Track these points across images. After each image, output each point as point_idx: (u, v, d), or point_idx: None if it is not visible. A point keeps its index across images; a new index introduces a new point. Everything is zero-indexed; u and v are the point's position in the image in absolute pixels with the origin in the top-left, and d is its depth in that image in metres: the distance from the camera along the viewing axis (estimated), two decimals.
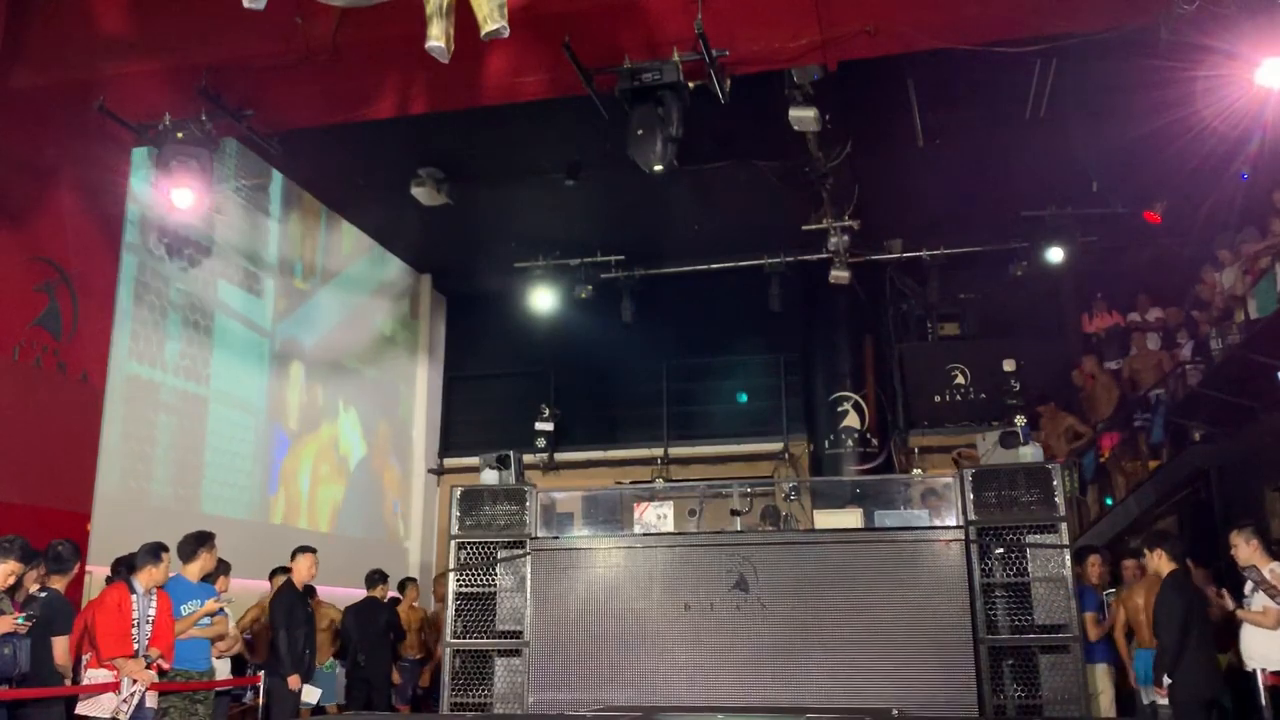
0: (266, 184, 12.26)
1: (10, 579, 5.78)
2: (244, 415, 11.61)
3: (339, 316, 13.95)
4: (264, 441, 11.99)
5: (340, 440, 13.74)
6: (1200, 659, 6.43)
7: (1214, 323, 10.47)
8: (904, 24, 7.16)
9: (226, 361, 11.27)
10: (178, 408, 10.39)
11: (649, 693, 7.02)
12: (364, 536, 13.93)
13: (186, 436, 10.51)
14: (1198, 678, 6.42)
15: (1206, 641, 6.54)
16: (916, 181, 12.25)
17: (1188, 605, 6.49)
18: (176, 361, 10.41)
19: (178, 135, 7.59)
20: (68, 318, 8.10)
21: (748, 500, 8.02)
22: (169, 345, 10.27)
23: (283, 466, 12.33)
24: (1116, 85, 9.50)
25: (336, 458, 13.60)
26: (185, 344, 10.57)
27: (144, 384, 9.83)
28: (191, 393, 10.65)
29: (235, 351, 11.49)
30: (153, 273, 10.07)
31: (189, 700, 6.81)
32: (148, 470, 9.87)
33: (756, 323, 14.70)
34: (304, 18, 7.16)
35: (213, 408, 10.96)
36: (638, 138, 6.97)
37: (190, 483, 10.50)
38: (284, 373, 12.49)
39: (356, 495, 14.00)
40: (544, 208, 13.04)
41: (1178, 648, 6.39)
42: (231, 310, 11.50)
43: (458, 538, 7.66)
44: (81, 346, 8.23)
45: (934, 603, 6.87)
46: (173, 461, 10.25)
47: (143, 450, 9.80)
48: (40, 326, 7.86)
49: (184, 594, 6.93)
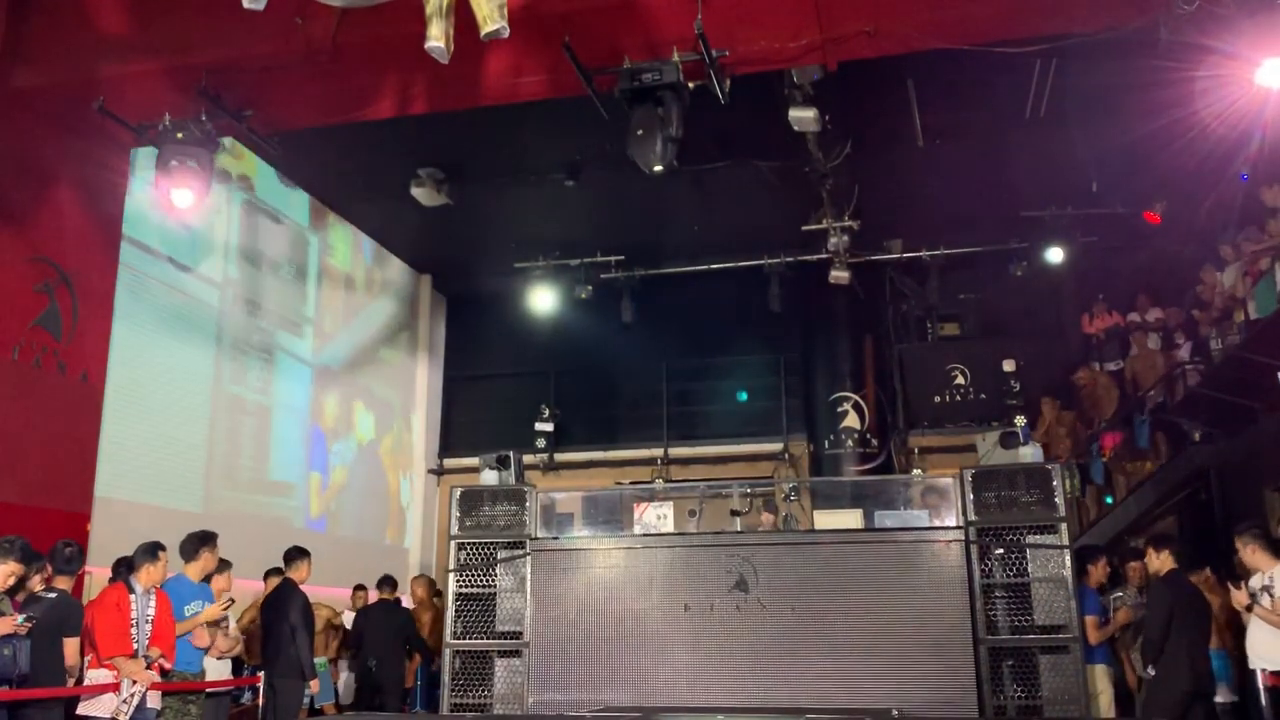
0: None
1: (10, 580, 5.77)
2: (245, 416, 11.61)
3: (339, 316, 13.95)
4: (264, 441, 11.98)
5: (341, 440, 13.73)
6: (1184, 653, 6.58)
7: (1214, 323, 10.47)
8: (904, 24, 7.16)
9: (230, 362, 11.30)
10: (177, 407, 10.40)
11: (649, 693, 7.01)
12: (364, 537, 13.93)
13: (187, 436, 10.51)
14: (1180, 671, 6.57)
15: (1194, 638, 6.66)
16: (916, 181, 12.25)
17: (1174, 601, 6.66)
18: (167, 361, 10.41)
19: (178, 135, 7.57)
20: (68, 318, 8.10)
21: (748, 501, 8.02)
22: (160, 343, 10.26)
23: (284, 467, 12.32)
24: (1116, 85, 9.49)
25: (338, 457, 13.60)
26: (183, 343, 10.57)
27: (143, 384, 9.82)
28: (191, 394, 10.65)
29: (238, 351, 11.49)
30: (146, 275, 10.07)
31: (181, 700, 6.80)
32: (148, 470, 9.86)
33: (756, 323, 14.70)
34: (304, 18, 7.15)
35: (212, 408, 10.96)
36: (638, 138, 6.96)
37: (190, 483, 10.49)
38: (283, 373, 12.48)
39: (356, 495, 14.00)
40: (544, 208, 13.04)
41: (1160, 641, 6.62)
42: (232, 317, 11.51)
43: (458, 538, 7.65)
44: (81, 346, 8.23)
45: (934, 603, 6.86)
46: (173, 461, 10.25)
47: (143, 450, 9.79)
48: (40, 326, 7.85)
49: (185, 594, 6.92)
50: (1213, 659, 7.00)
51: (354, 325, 14.30)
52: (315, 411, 13.10)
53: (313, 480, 12.90)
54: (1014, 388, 13.51)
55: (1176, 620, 6.62)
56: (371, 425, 14.52)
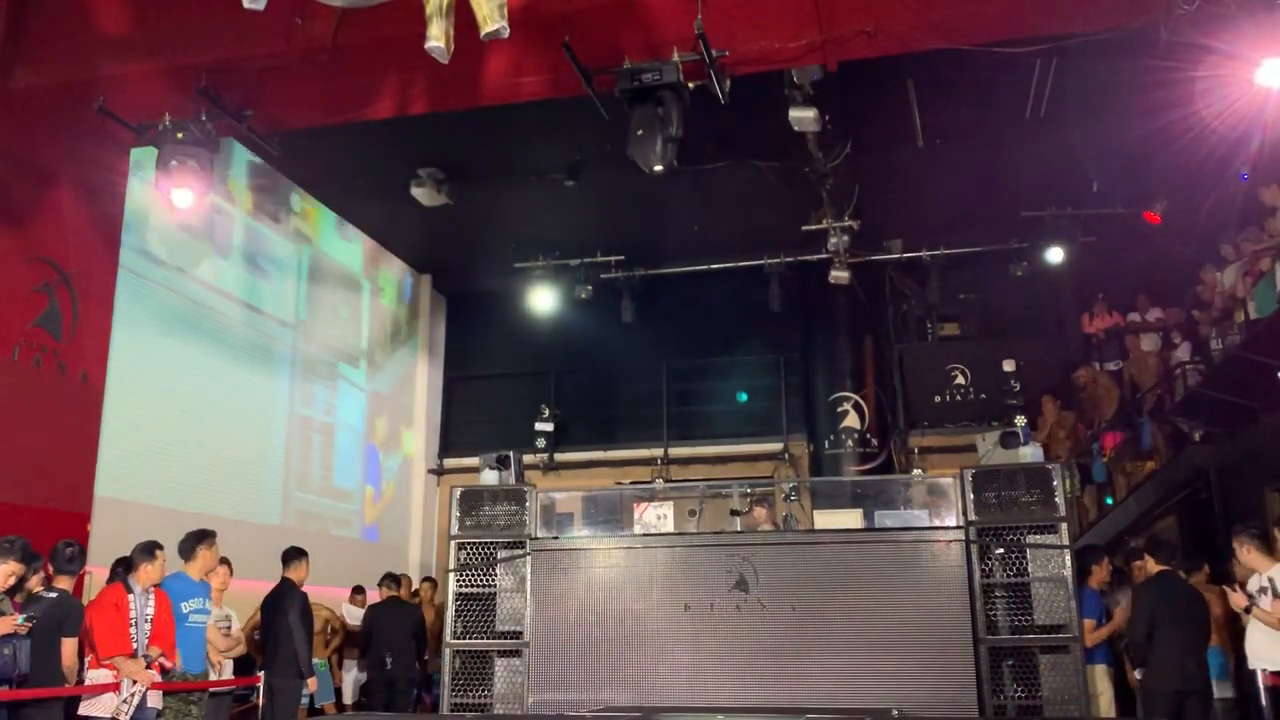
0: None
1: (11, 579, 5.77)
2: (245, 416, 11.61)
3: (338, 317, 13.95)
4: (265, 442, 11.98)
5: (340, 441, 13.73)
6: (1171, 653, 6.69)
7: (1214, 323, 10.46)
8: (904, 24, 7.16)
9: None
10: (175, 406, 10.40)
11: (649, 693, 7.01)
12: (364, 537, 13.92)
13: (188, 437, 10.50)
14: (1166, 671, 6.69)
15: (1185, 637, 6.74)
16: (916, 181, 12.24)
17: (1156, 603, 6.80)
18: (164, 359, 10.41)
19: (177, 135, 7.58)
20: (68, 318, 8.10)
21: (748, 501, 8.00)
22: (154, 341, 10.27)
23: (286, 467, 12.33)
24: (1116, 85, 9.48)
25: (338, 458, 13.59)
26: (179, 343, 10.57)
27: (143, 383, 9.83)
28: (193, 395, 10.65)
29: (241, 352, 11.50)
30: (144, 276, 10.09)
31: (183, 701, 6.80)
32: (148, 470, 9.86)
33: (756, 323, 14.70)
34: (304, 18, 7.16)
35: (212, 408, 10.96)
36: (638, 138, 6.96)
37: (190, 483, 10.49)
38: (284, 373, 12.49)
39: (356, 495, 14.00)
40: (544, 208, 13.03)
41: (1144, 643, 6.79)
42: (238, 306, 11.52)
43: (458, 538, 7.64)
44: (81, 346, 8.23)
45: (934, 603, 6.86)
46: (173, 462, 10.24)
47: (143, 451, 9.79)
48: (40, 327, 7.85)
49: (184, 591, 6.93)
50: (1211, 656, 7.04)
51: (354, 326, 14.35)
52: (315, 412, 13.16)
53: (315, 481, 12.95)
54: (1014, 388, 13.52)
55: (1163, 621, 6.73)
56: (372, 425, 14.55)
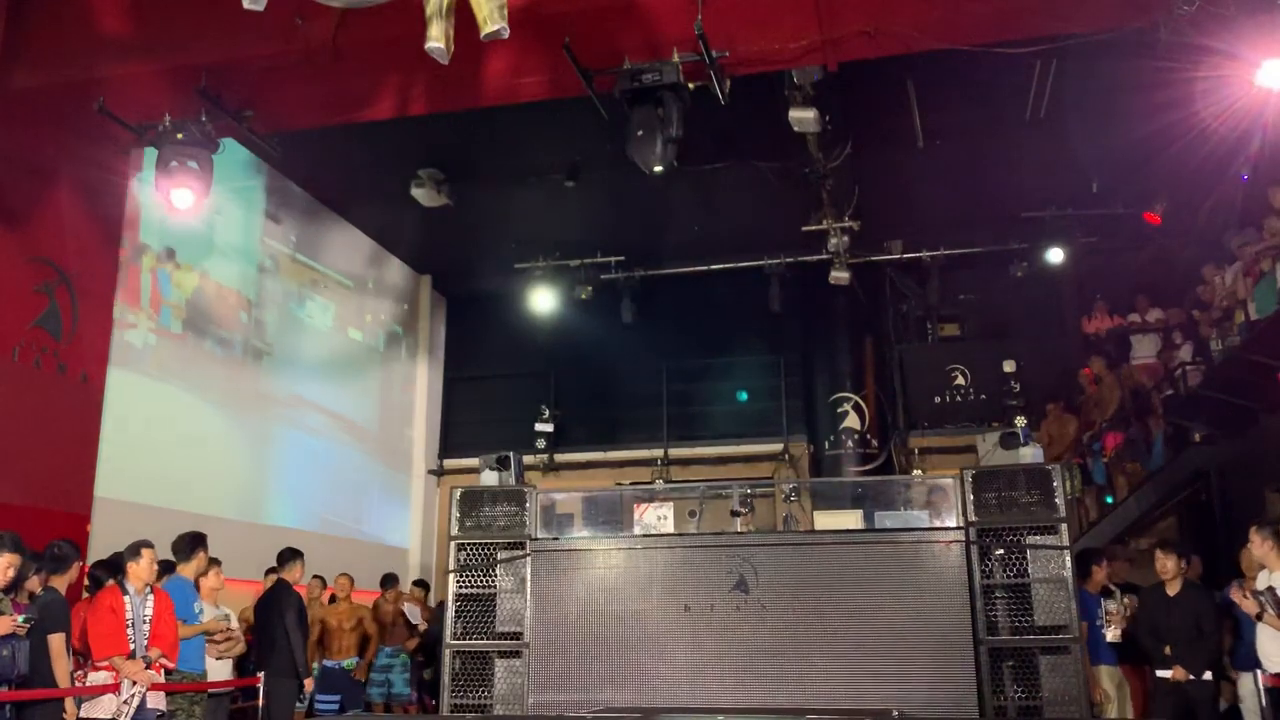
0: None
1: (10, 571, 5.70)
2: (245, 417, 11.61)
3: (339, 317, 13.95)
4: (265, 442, 11.98)
5: (341, 441, 13.72)
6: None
7: (1214, 324, 10.46)
8: (904, 24, 7.15)
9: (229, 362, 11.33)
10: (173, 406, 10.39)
11: (649, 694, 7.00)
12: (364, 538, 13.91)
13: (188, 437, 10.50)
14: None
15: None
16: (916, 182, 12.25)
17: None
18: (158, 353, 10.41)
19: (177, 136, 7.57)
20: (67, 318, 8.09)
21: (748, 501, 7.99)
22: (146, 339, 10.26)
23: (287, 467, 12.32)
24: (1116, 85, 9.49)
25: (338, 458, 13.59)
26: (178, 342, 10.57)
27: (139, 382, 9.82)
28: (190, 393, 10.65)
29: (242, 350, 11.50)
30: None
31: (189, 701, 6.82)
32: (148, 470, 9.86)
33: (756, 323, 14.70)
34: (304, 18, 7.15)
35: (211, 409, 10.96)
36: (638, 138, 6.95)
37: (190, 483, 10.48)
38: (283, 373, 12.48)
39: (356, 495, 13.99)
40: (544, 208, 13.03)
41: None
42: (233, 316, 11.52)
43: (457, 539, 7.63)
44: (81, 347, 8.22)
45: (934, 604, 6.85)
46: (173, 462, 10.24)
47: (143, 451, 9.78)
48: (40, 327, 7.85)
49: (191, 593, 6.99)
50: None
51: (353, 326, 14.36)
52: (317, 413, 13.15)
53: (318, 481, 12.94)
54: (1014, 388, 13.51)
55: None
56: (372, 426, 14.55)
